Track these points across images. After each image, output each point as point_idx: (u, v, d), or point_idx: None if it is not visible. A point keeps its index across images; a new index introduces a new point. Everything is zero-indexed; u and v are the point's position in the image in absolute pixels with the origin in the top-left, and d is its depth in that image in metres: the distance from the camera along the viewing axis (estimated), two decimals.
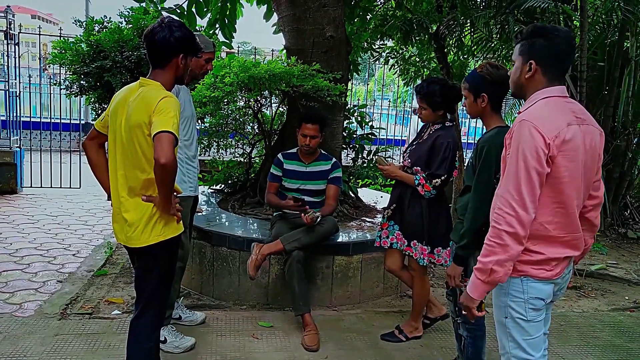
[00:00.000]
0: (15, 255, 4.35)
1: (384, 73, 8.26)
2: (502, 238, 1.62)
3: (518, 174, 1.60)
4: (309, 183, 3.54)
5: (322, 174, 3.56)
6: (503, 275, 1.66)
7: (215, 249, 3.66)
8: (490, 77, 2.24)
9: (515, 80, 1.78)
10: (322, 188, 3.56)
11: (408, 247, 3.01)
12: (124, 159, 2.13)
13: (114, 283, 3.91)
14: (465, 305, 1.78)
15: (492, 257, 1.64)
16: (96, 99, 4.94)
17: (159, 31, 2.10)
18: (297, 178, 3.54)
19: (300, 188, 3.53)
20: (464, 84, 2.34)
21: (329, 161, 3.60)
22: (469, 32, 6.15)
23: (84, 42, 4.66)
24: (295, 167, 3.54)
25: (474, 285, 1.72)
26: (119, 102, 2.15)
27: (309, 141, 3.40)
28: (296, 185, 3.54)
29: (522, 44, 1.75)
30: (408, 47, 6.18)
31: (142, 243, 2.14)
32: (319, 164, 3.57)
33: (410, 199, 2.98)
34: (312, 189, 3.55)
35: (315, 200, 3.57)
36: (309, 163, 3.56)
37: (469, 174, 2.30)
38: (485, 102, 2.26)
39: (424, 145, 2.92)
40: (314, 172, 3.55)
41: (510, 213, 1.61)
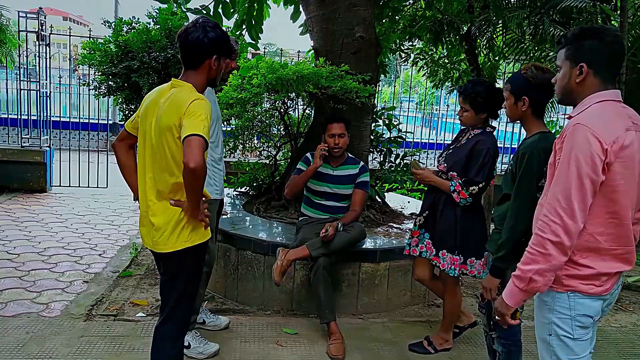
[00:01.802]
0: (43, 254, 4.39)
1: (411, 75, 8.11)
2: (545, 247, 1.53)
3: (569, 181, 1.50)
4: (335, 187, 3.45)
5: (349, 178, 3.46)
6: (542, 285, 1.57)
7: (240, 253, 3.61)
8: (534, 80, 2.12)
9: (563, 86, 1.67)
10: (349, 193, 3.46)
11: (435, 257, 2.90)
12: (153, 162, 2.09)
13: (139, 285, 3.90)
14: (500, 311, 1.69)
15: (533, 266, 1.55)
16: (124, 100, 4.97)
17: (193, 31, 2.04)
18: (324, 181, 3.45)
19: (326, 192, 3.45)
20: (506, 85, 2.23)
21: (356, 165, 3.50)
22: (501, 33, 5.98)
23: (113, 42, 4.68)
24: (323, 169, 3.43)
25: (510, 292, 1.63)
26: (149, 104, 2.11)
27: (337, 140, 3.33)
28: (322, 188, 3.46)
29: (568, 48, 1.64)
30: (438, 49, 6.03)
31: (168, 248, 2.10)
32: (347, 167, 3.48)
33: (444, 207, 2.87)
34: (338, 193, 3.46)
35: (341, 205, 3.48)
36: (337, 167, 3.46)
37: (507, 182, 2.19)
38: (526, 106, 2.14)
39: (462, 150, 2.80)
40: (341, 176, 3.45)
41: (557, 221, 1.51)
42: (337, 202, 3.47)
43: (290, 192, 3.52)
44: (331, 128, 3.33)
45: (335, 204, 3.46)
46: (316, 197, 3.47)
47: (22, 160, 6.75)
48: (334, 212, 3.46)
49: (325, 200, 3.46)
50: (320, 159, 3.34)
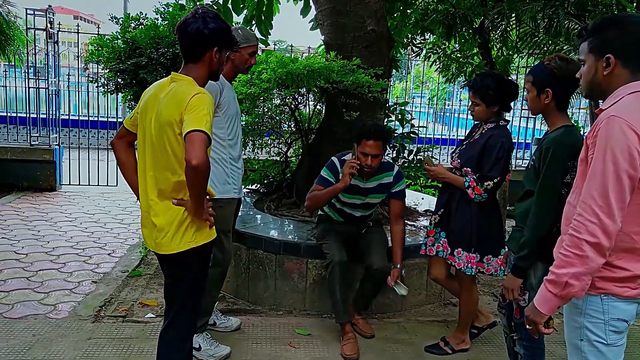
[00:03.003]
0: (52, 254, 4.35)
1: (423, 69, 7.98)
2: (581, 248, 1.42)
3: (605, 177, 1.39)
4: (366, 198, 3.10)
5: (381, 188, 3.09)
6: (579, 290, 1.46)
7: (251, 252, 3.53)
8: (559, 72, 2.01)
9: (590, 80, 1.56)
10: (379, 201, 3.19)
11: (451, 255, 2.81)
12: (154, 160, 1.99)
13: (149, 284, 3.84)
14: (532, 320, 1.57)
15: (569, 269, 1.44)
16: (132, 97, 4.90)
17: (192, 22, 1.94)
18: (353, 193, 3.07)
19: (356, 203, 3.12)
20: (527, 76, 2.12)
21: (390, 172, 3.07)
22: (515, 27, 5.84)
23: (120, 39, 4.61)
24: (352, 181, 2.98)
25: (544, 298, 1.52)
26: (149, 99, 2.01)
27: (370, 161, 2.88)
28: (351, 200, 3.11)
29: (590, 40, 1.54)
30: (450, 43, 5.91)
31: (172, 250, 2.01)
32: (380, 177, 3.07)
33: (459, 203, 2.78)
34: (368, 203, 3.13)
35: (368, 212, 3.23)
36: (368, 179, 3.07)
37: (529, 178, 2.08)
38: (550, 98, 2.04)
39: (475, 145, 2.70)
40: (373, 188, 3.09)
41: (593, 220, 1.40)
42: (364, 211, 3.18)
43: (312, 206, 3.17)
44: (366, 145, 2.86)
45: (363, 212, 3.19)
46: (343, 206, 3.17)
47: (31, 159, 6.73)
48: (359, 220, 3.22)
49: (353, 210, 3.17)
50: (349, 177, 2.90)
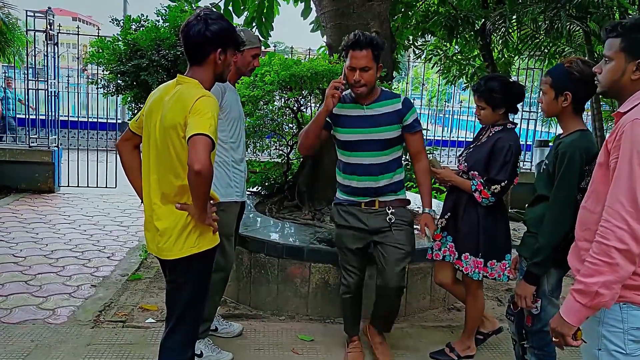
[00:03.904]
0: (50, 257, 4.30)
1: (423, 72, 7.96)
2: (611, 255, 1.37)
3: (633, 181, 1.35)
4: (372, 131, 2.52)
5: (390, 117, 2.53)
6: (610, 299, 1.42)
7: (253, 256, 3.49)
8: (580, 75, 1.97)
9: (615, 80, 1.51)
10: (392, 137, 2.55)
11: (458, 260, 2.77)
12: (158, 163, 1.96)
13: (148, 288, 3.79)
14: (559, 332, 1.52)
15: (598, 278, 1.40)
16: (132, 99, 4.86)
17: (195, 24, 1.91)
18: (354, 126, 2.54)
19: (360, 140, 2.54)
20: (545, 77, 2.08)
21: (396, 99, 2.57)
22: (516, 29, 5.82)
23: (121, 41, 4.57)
24: (350, 110, 2.54)
25: (572, 309, 1.47)
26: (154, 102, 1.99)
27: (358, 75, 2.40)
28: (353, 135, 2.54)
29: (625, 39, 1.49)
30: (452, 45, 5.89)
31: (174, 255, 1.98)
32: (383, 104, 2.55)
33: (466, 207, 2.73)
34: (378, 140, 2.52)
35: (386, 160, 2.56)
36: (369, 104, 2.55)
37: (542, 182, 2.05)
38: (568, 101, 2.00)
39: (482, 148, 2.66)
40: (377, 116, 2.53)
41: (622, 227, 1.36)
42: (379, 157, 2.54)
43: (302, 144, 2.66)
44: (352, 57, 2.42)
45: (377, 159, 2.54)
46: (347, 152, 2.58)
47: (30, 161, 6.69)
48: (378, 172, 2.55)
49: (362, 155, 2.54)
50: (332, 99, 2.40)
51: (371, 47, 2.39)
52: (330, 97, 2.39)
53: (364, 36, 2.38)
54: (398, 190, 2.67)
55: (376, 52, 2.42)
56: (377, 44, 2.41)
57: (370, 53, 2.40)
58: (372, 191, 2.59)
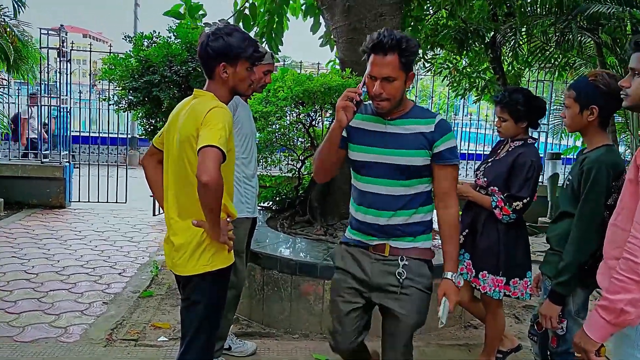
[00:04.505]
0: (62, 274, 4.28)
1: (432, 83, 7.95)
2: (638, 273, 1.34)
3: None
4: (390, 153, 1.94)
5: (416, 140, 1.93)
6: (635, 317, 1.38)
7: (266, 272, 3.45)
8: (607, 88, 1.93)
9: None
10: (416, 165, 1.93)
11: (475, 278, 2.70)
12: (175, 177, 1.98)
13: (160, 305, 3.76)
14: (582, 347, 1.48)
15: (624, 296, 1.36)
16: (144, 114, 4.88)
17: (202, 40, 1.97)
18: (370, 144, 1.97)
19: (374, 162, 1.96)
20: (569, 91, 2.04)
21: (430, 119, 1.95)
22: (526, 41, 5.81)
23: (134, 57, 4.60)
24: (369, 124, 1.99)
25: (596, 325, 1.44)
26: (173, 116, 2.01)
27: (379, 87, 1.84)
28: (367, 156, 1.98)
29: None
30: (462, 57, 5.88)
31: (187, 272, 1.98)
32: (412, 122, 1.95)
33: (485, 224, 2.68)
34: (395, 164, 1.93)
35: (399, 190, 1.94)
36: (393, 119, 1.96)
37: (566, 199, 2.00)
38: (595, 116, 1.96)
39: (502, 163, 2.62)
40: (400, 136, 1.94)
41: None
42: (397, 187, 1.94)
43: (317, 171, 2.16)
44: (373, 63, 1.85)
45: (395, 190, 1.94)
46: (358, 176, 2.03)
47: (41, 176, 6.72)
48: (394, 206, 1.94)
49: (375, 182, 1.96)
50: (344, 112, 1.86)
51: (399, 52, 1.81)
52: (341, 110, 1.86)
53: (389, 36, 1.81)
54: (419, 235, 1.98)
55: (405, 58, 1.83)
56: (407, 47, 1.83)
57: (397, 59, 1.82)
58: (379, 229, 1.96)
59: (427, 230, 2.03)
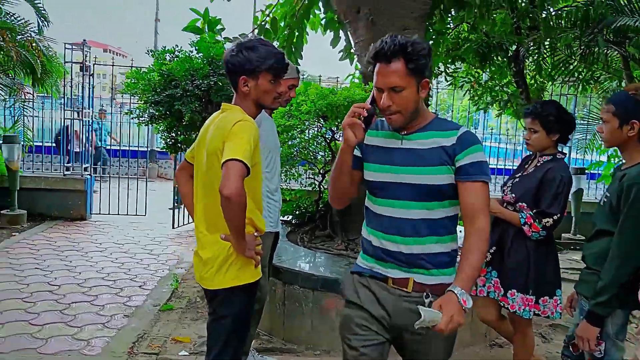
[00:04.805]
0: (84, 286, 4.30)
1: (453, 97, 7.90)
2: None
3: None
4: (407, 171, 1.72)
5: (435, 155, 1.70)
6: None
7: (287, 287, 3.42)
8: None
9: None
10: (438, 184, 1.68)
11: (504, 297, 2.63)
12: (204, 191, 2.00)
13: (181, 319, 3.74)
14: None
15: None
16: (165, 128, 4.92)
17: (224, 55, 2.03)
18: (384, 162, 1.76)
19: (391, 182, 1.74)
20: (607, 105, 1.99)
21: (452, 131, 1.72)
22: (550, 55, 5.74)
23: (156, 71, 4.65)
24: (384, 140, 1.78)
25: None
26: (203, 130, 2.04)
27: (387, 99, 1.66)
28: (381, 175, 1.76)
29: None
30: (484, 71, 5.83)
31: (214, 285, 1.99)
32: (431, 135, 1.73)
33: (513, 241, 2.61)
34: (413, 184, 1.70)
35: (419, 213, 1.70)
36: (409, 134, 1.75)
37: (604, 217, 1.94)
38: (635, 131, 1.90)
39: (531, 179, 2.57)
40: (417, 151, 1.72)
41: None
42: (416, 209, 1.70)
43: (332, 198, 1.92)
44: (377, 72, 1.67)
45: (413, 213, 1.70)
46: (373, 198, 1.81)
47: (63, 189, 6.80)
48: (413, 231, 1.70)
49: (391, 204, 1.74)
50: (351, 130, 1.67)
51: (404, 57, 1.62)
52: (348, 128, 1.68)
53: (392, 42, 1.63)
54: (446, 267, 1.73)
55: (413, 63, 1.63)
56: (413, 51, 1.62)
57: (403, 65, 1.62)
58: (400, 258, 1.72)
59: (454, 261, 1.77)
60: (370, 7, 3.59)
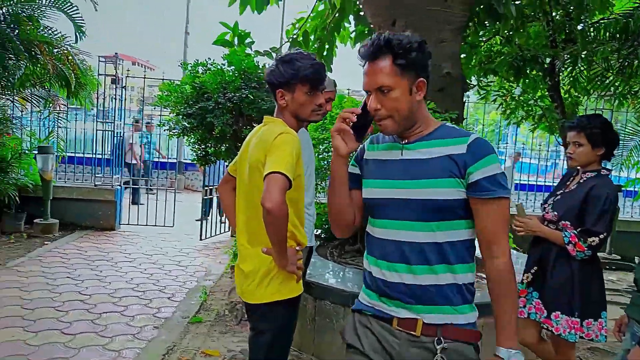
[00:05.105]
0: (114, 296, 4.31)
1: (484, 111, 7.78)
2: None
3: None
4: (407, 185, 1.46)
5: (440, 166, 1.44)
6: None
7: (318, 303, 3.36)
8: None
9: None
10: (444, 199, 1.42)
11: (547, 319, 2.52)
12: (246, 204, 1.99)
13: (210, 332, 3.71)
14: None
15: None
16: (196, 140, 4.95)
17: (267, 69, 2.05)
18: (383, 176, 1.52)
19: (390, 199, 1.48)
20: None
21: (461, 138, 1.45)
22: (586, 68, 5.61)
23: (189, 84, 4.70)
24: (383, 153, 1.55)
25: None
26: (245, 144, 2.04)
27: (374, 101, 1.44)
28: (379, 191, 1.51)
29: None
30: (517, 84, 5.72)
31: (255, 299, 1.96)
32: (435, 143, 1.48)
33: (556, 261, 2.51)
34: (415, 200, 1.44)
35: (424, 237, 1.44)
36: (410, 142, 1.51)
37: None
38: None
39: (574, 196, 2.47)
40: (419, 162, 1.47)
41: None
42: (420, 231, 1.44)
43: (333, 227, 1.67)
44: (365, 73, 1.46)
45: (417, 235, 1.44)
46: (372, 219, 1.55)
47: (94, 199, 6.90)
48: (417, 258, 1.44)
49: (391, 225, 1.48)
50: (339, 137, 1.49)
51: (391, 54, 1.41)
52: (335, 135, 1.48)
53: (377, 37, 1.43)
54: (461, 303, 1.46)
55: (402, 59, 1.41)
56: (400, 45, 1.41)
57: (390, 63, 1.41)
58: (404, 291, 1.46)
59: (473, 297, 1.49)
60: (406, 19, 3.56)
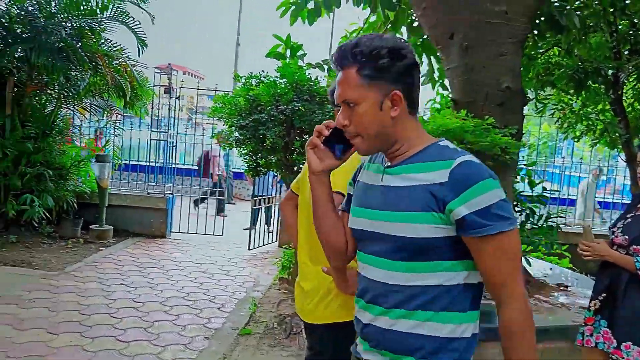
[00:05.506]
0: (165, 305, 4.38)
1: (539, 124, 7.51)
2: None
3: None
4: (383, 217, 1.26)
5: (415, 197, 1.21)
6: None
7: None
8: None
9: None
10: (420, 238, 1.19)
11: (617, 350, 2.36)
12: (308, 222, 1.95)
13: (259, 345, 3.70)
14: None
15: None
16: (248, 151, 5.00)
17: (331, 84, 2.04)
18: (363, 204, 1.34)
19: (369, 231, 1.30)
20: None
21: (445, 161, 1.20)
22: None
23: (242, 96, 4.76)
24: (369, 175, 1.38)
25: None
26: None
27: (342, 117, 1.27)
28: (359, 222, 1.34)
29: None
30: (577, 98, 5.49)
31: (314, 319, 1.93)
32: (415, 168, 1.25)
33: (627, 287, 2.35)
34: (388, 234, 1.24)
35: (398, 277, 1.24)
36: (393, 165, 1.30)
37: None
38: None
39: None
40: (395, 191, 1.26)
41: None
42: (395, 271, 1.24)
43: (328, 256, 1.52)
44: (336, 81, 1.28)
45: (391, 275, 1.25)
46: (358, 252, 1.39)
47: (146, 206, 7.08)
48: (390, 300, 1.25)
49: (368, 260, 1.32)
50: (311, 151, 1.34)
51: (357, 62, 1.22)
52: (309, 150, 1.33)
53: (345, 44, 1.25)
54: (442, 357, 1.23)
55: (368, 68, 1.22)
56: (366, 51, 1.21)
57: (354, 73, 1.23)
58: (380, 338, 1.28)
59: (466, 354, 1.24)
60: (464, 32, 3.46)
